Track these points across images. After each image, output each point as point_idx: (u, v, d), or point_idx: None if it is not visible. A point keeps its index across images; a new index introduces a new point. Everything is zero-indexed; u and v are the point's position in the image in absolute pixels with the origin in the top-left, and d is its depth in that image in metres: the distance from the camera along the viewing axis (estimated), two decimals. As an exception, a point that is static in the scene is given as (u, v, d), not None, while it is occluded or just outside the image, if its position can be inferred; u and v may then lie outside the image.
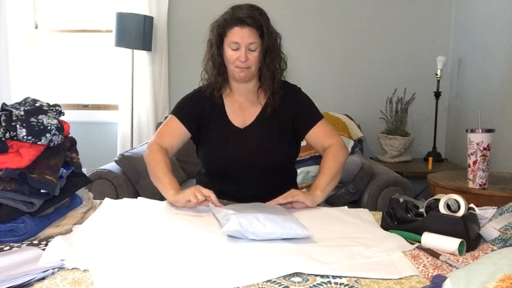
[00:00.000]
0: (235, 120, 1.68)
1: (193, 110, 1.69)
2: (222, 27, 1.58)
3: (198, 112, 1.69)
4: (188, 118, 1.68)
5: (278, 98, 1.68)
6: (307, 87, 1.83)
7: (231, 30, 1.56)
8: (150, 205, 1.51)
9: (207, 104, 1.69)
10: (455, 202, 1.23)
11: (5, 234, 1.17)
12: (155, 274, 0.98)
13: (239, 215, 1.22)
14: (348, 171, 2.50)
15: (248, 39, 1.55)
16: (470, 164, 1.99)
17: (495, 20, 2.87)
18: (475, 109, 2.95)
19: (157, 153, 1.62)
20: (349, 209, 1.55)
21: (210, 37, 1.65)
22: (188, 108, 1.70)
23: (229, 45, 1.58)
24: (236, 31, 1.55)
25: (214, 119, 1.69)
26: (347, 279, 0.98)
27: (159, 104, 3.54)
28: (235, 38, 1.55)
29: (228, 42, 1.58)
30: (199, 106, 1.69)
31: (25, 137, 1.20)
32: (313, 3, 3.50)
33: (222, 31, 1.59)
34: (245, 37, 1.55)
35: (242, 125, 1.68)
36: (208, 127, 1.69)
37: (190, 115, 1.69)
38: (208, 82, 1.72)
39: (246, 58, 1.57)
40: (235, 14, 1.55)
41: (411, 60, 3.52)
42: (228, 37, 1.57)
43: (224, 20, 1.58)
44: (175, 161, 2.97)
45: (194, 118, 1.68)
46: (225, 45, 1.60)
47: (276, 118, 1.69)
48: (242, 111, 1.70)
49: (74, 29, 3.67)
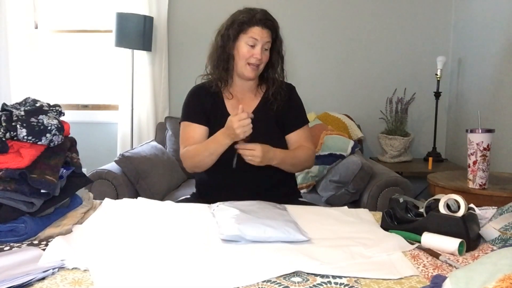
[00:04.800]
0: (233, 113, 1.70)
1: (200, 107, 1.75)
2: (244, 23, 1.67)
3: (203, 108, 1.75)
4: (200, 117, 1.73)
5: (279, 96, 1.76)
6: (307, 87, 1.85)
7: (251, 28, 1.67)
8: (150, 205, 1.51)
9: (208, 99, 1.76)
10: (455, 202, 1.23)
11: (5, 234, 1.17)
12: (155, 274, 0.98)
13: (238, 220, 1.22)
14: (348, 171, 2.50)
15: (265, 39, 1.68)
16: (470, 164, 1.99)
17: (495, 20, 2.87)
18: (475, 109, 2.95)
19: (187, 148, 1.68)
20: (349, 209, 1.55)
21: (225, 32, 1.71)
22: (195, 107, 1.75)
23: (246, 42, 1.67)
24: (257, 29, 1.67)
25: (214, 113, 1.74)
26: (347, 279, 0.98)
27: (159, 104, 3.53)
28: (255, 35, 1.66)
29: (246, 38, 1.67)
30: (202, 102, 1.75)
31: (26, 137, 1.20)
32: (313, 3, 3.50)
33: (243, 28, 1.67)
34: (264, 36, 1.67)
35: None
36: (210, 120, 1.74)
37: (200, 113, 1.74)
38: (210, 79, 1.77)
39: (261, 56, 1.67)
40: (256, 16, 1.67)
41: (411, 60, 3.52)
42: (247, 34, 1.67)
43: (246, 18, 1.67)
44: (174, 161, 2.97)
45: (204, 114, 1.74)
46: (241, 42, 1.68)
47: (271, 113, 1.76)
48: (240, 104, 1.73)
49: (74, 29, 3.67)
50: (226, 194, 1.60)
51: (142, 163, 2.59)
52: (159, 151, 2.87)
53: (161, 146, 2.99)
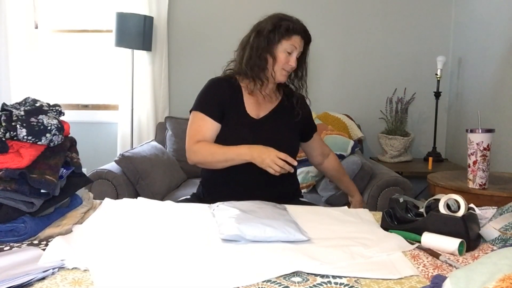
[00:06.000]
0: (251, 111, 1.75)
1: (217, 100, 1.73)
2: (290, 30, 1.69)
3: (220, 101, 1.73)
4: (215, 110, 1.71)
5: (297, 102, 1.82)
6: (307, 87, 1.85)
7: (295, 36, 1.70)
8: (150, 205, 1.51)
9: (227, 92, 1.74)
10: (455, 202, 1.23)
11: (5, 234, 1.17)
12: (155, 274, 0.98)
13: (238, 219, 1.22)
14: (348, 171, 2.50)
15: (301, 48, 1.75)
16: (470, 164, 1.99)
17: (495, 20, 2.87)
18: (475, 109, 2.95)
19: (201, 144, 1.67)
20: (349, 209, 1.55)
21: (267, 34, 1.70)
22: (212, 99, 1.74)
23: (286, 48, 1.70)
24: (298, 39, 1.71)
25: (232, 107, 1.73)
26: (347, 279, 0.98)
27: (159, 104, 3.53)
28: (296, 43, 1.71)
29: (287, 45, 1.70)
30: (220, 94, 1.74)
31: (25, 137, 1.20)
32: (313, 3, 3.50)
33: (287, 34, 1.69)
34: (301, 46, 1.74)
35: (257, 116, 1.76)
36: (226, 114, 1.73)
37: (216, 106, 1.72)
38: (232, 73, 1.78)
39: (295, 64, 1.73)
40: (298, 25, 1.71)
41: (411, 60, 3.52)
42: (289, 41, 1.70)
43: (292, 26, 1.70)
44: (174, 161, 2.97)
45: (219, 108, 1.72)
46: (281, 47, 1.70)
47: (288, 117, 1.80)
48: (258, 105, 1.78)
49: (74, 29, 3.67)
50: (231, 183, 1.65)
51: (142, 163, 2.59)
52: (159, 151, 2.87)
53: (161, 146, 2.99)
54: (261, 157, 1.56)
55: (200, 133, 1.70)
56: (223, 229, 1.20)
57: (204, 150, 1.66)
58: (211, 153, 1.65)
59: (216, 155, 1.64)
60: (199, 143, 1.67)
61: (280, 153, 1.55)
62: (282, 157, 1.54)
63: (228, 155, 1.62)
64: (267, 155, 1.55)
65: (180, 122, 3.16)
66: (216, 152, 1.65)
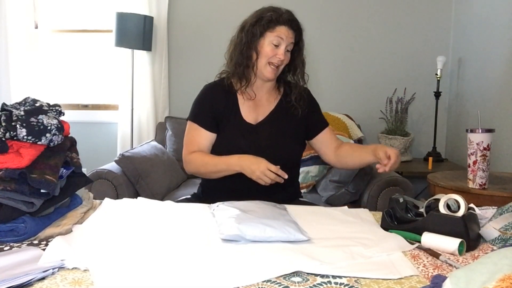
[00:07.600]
0: (248, 116, 1.71)
1: (210, 110, 1.70)
2: (272, 21, 1.63)
3: (214, 110, 1.70)
4: (209, 121, 1.69)
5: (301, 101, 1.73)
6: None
7: (279, 27, 1.63)
8: (150, 205, 1.51)
9: (221, 99, 1.71)
10: (455, 202, 1.23)
11: (5, 234, 1.17)
12: (155, 274, 0.98)
13: (238, 219, 1.22)
14: (348, 171, 2.50)
15: (290, 39, 1.65)
16: (470, 164, 1.99)
17: (495, 20, 2.87)
18: (475, 109, 2.95)
19: (195, 155, 1.66)
20: (349, 209, 1.55)
21: (249, 28, 1.65)
22: (206, 109, 1.71)
23: (271, 40, 1.63)
24: (284, 29, 1.64)
25: (227, 114, 1.70)
26: (347, 279, 0.98)
27: (159, 104, 3.53)
28: (281, 34, 1.63)
29: (272, 37, 1.63)
30: (214, 103, 1.71)
31: (25, 137, 1.20)
32: (313, 3, 3.50)
33: (270, 26, 1.63)
34: (289, 37, 1.65)
35: (254, 121, 1.71)
36: (222, 122, 1.70)
37: (210, 117, 1.69)
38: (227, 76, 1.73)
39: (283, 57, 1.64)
40: (283, 15, 1.64)
41: (411, 60, 3.52)
42: (273, 32, 1.63)
43: (274, 16, 1.64)
44: (174, 161, 2.97)
45: (213, 118, 1.70)
46: (265, 40, 1.64)
47: (289, 117, 1.73)
48: (256, 107, 1.73)
49: (74, 29, 3.67)
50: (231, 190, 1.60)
51: (142, 163, 2.59)
52: (159, 151, 2.87)
53: (161, 146, 2.99)
54: (250, 169, 1.53)
55: (194, 143, 1.69)
56: (223, 229, 1.20)
57: (197, 161, 1.66)
58: (203, 164, 1.65)
59: (208, 166, 1.64)
60: (193, 154, 1.67)
61: (271, 165, 1.51)
62: (273, 169, 1.50)
63: (219, 166, 1.61)
64: (257, 167, 1.51)
65: (180, 122, 3.16)
66: (208, 163, 1.64)
